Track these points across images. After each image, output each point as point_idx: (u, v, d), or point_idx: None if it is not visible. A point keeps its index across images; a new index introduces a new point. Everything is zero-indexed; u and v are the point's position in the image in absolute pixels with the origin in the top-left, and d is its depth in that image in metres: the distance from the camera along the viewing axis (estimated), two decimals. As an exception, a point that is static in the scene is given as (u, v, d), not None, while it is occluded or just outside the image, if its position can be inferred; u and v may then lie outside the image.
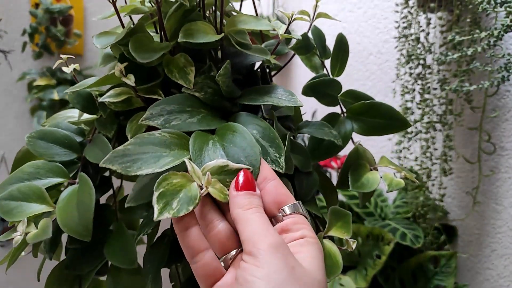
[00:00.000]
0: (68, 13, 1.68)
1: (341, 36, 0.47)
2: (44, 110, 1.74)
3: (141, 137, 0.29)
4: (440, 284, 0.84)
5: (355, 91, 0.45)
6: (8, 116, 1.81)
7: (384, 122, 0.42)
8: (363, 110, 0.43)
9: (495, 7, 0.61)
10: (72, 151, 0.37)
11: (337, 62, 0.47)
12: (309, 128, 0.41)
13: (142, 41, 0.34)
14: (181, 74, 0.34)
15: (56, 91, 1.72)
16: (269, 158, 0.30)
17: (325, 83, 0.44)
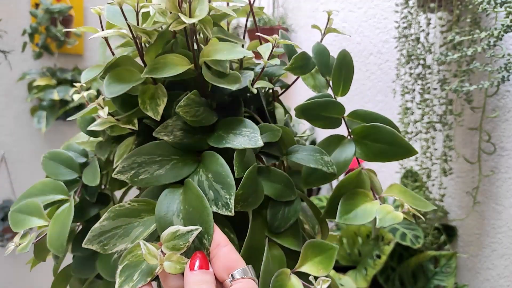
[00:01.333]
0: (68, 13, 1.69)
1: (344, 53, 0.42)
2: (44, 110, 1.74)
3: (113, 210, 0.31)
4: (440, 284, 0.84)
5: (363, 111, 0.41)
6: (8, 116, 1.81)
7: (386, 148, 0.38)
8: (365, 133, 0.39)
9: (495, 7, 0.61)
10: (73, 171, 0.42)
11: (339, 81, 0.43)
12: (299, 154, 0.38)
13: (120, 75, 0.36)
14: (152, 106, 0.35)
15: (56, 91, 1.72)
16: (220, 203, 0.31)
17: (319, 105, 0.40)
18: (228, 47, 0.36)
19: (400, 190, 0.37)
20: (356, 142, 0.39)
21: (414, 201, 0.36)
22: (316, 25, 0.45)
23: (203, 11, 0.34)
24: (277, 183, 0.36)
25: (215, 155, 0.33)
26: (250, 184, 0.33)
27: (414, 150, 0.37)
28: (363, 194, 0.37)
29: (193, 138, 0.35)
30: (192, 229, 0.28)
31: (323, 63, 0.43)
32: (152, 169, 0.33)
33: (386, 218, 0.33)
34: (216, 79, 0.35)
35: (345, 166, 0.38)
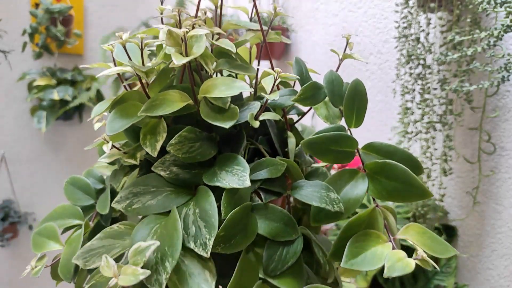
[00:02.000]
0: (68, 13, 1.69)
1: (356, 82, 0.40)
2: (44, 110, 1.74)
3: (104, 232, 0.34)
4: (440, 284, 0.84)
5: (379, 144, 0.38)
6: (8, 116, 1.81)
7: (400, 187, 0.35)
8: (379, 169, 0.36)
9: (495, 7, 0.61)
10: (90, 197, 0.45)
11: (352, 111, 0.39)
12: (303, 190, 0.36)
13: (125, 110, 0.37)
14: (151, 141, 0.36)
15: (56, 91, 1.72)
16: (199, 241, 0.31)
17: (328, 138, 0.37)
18: (227, 82, 0.36)
19: (418, 231, 0.33)
20: (370, 177, 0.36)
21: (434, 244, 0.33)
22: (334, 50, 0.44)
23: (200, 48, 0.34)
24: (275, 221, 0.35)
25: (208, 191, 0.34)
26: (235, 225, 0.32)
27: (429, 193, 0.34)
28: (375, 236, 0.34)
29: (190, 173, 0.36)
30: (150, 244, 0.29)
31: (335, 93, 0.41)
32: (144, 199, 0.35)
33: (396, 267, 0.30)
34: (212, 115, 0.35)
35: (356, 204, 0.36)
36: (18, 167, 1.82)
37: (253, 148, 0.41)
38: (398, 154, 0.37)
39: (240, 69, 0.40)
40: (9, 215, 1.76)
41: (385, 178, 0.36)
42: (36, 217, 1.87)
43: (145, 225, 0.33)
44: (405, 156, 0.37)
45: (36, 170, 1.88)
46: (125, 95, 0.38)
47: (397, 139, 0.89)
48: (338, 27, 1.23)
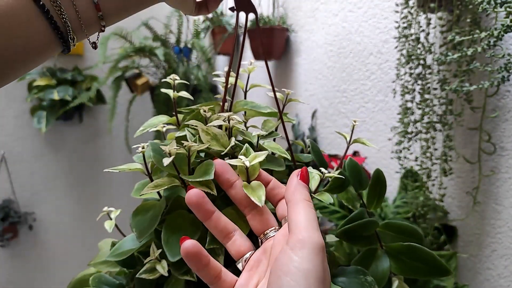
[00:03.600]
0: (68, 13, 1.68)
1: (378, 173, 0.45)
2: (44, 110, 1.74)
3: None
4: (440, 284, 0.84)
5: (393, 223, 0.43)
6: (8, 116, 1.81)
7: (424, 268, 0.40)
8: (402, 250, 0.41)
9: (495, 7, 0.61)
10: None
11: (374, 197, 0.45)
12: (344, 277, 0.38)
13: (174, 224, 0.35)
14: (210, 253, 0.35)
15: (56, 91, 1.72)
16: None
17: (361, 225, 0.41)
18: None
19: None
20: (390, 255, 0.41)
21: None
22: (340, 133, 0.48)
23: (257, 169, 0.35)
24: None
25: None
26: None
27: (450, 271, 0.40)
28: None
29: None
30: None
31: (356, 179, 0.45)
32: None
33: None
34: None
35: (384, 279, 0.40)
36: (18, 167, 1.82)
37: None
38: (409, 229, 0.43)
39: (275, 164, 0.41)
40: (9, 215, 1.76)
41: (408, 258, 0.41)
42: (36, 217, 1.87)
43: None
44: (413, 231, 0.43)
45: (36, 170, 1.88)
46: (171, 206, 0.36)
47: (397, 139, 0.89)
48: (338, 27, 1.23)
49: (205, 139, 0.37)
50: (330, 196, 0.39)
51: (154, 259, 0.37)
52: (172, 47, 1.74)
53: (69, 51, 0.33)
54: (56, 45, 0.32)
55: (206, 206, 0.32)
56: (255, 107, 0.46)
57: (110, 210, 0.46)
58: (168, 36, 1.76)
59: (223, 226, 0.32)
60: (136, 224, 0.36)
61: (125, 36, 1.67)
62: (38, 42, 0.30)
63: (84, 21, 0.32)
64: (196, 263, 0.30)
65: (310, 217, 0.28)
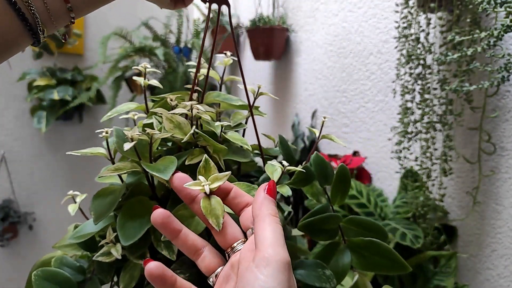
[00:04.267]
0: (68, 13, 1.68)
1: (342, 168, 0.45)
2: (44, 110, 1.74)
3: None
4: (440, 284, 0.84)
5: (358, 219, 0.43)
6: (8, 116, 1.81)
7: (383, 262, 0.41)
8: (363, 245, 0.42)
9: (495, 7, 0.61)
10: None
11: (338, 192, 0.45)
12: (302, 269, 0.39)
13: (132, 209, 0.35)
14: (166, 244, 0.35)
15: (56, 91, 1.72)
16: None
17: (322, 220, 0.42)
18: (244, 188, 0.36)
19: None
20: (352, 250, 0.42)
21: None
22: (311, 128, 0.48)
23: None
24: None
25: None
26: None
27: (408, 267, 0.40)
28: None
29: None
30: None
31: (321, 174, 0.45)
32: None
33: None
34: None
35: (343, 275, 0.40)
36: (18, 167, 1.82)
37: None
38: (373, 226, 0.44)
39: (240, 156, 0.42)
40: (9, 215, 1.76)
41: (369, 253, 0.41)
42: (36, 217, 1.87)
43: None
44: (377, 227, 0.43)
45: (36, 170, 1.88)
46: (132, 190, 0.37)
47: (396, 139, 0.89)
48: (338, 27, 1.23)
49: (168, 127, 0.36)
50: (289, 189, 0.39)
51: (109, 243, 0.37)
52: (172, 47, 1.74)
53: (39, 43, 0.33)
54: (26, 37, 0.32)
55: (172, 225, 0.31)
56: (227, 99, 0.45)
57: (76, 194, 0.46)
58: (168, 36, 1.76)
59: (191, 243, 0.32)
60: (94, 208, 0.36)
61: (125, 36, 1.67)
62: (8, 35, 0.30)
63: (53, 13, 0.32)
64: (161, 284, 0.29)
65: (276, 233, 0.28)
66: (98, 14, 1.93)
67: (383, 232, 0.43)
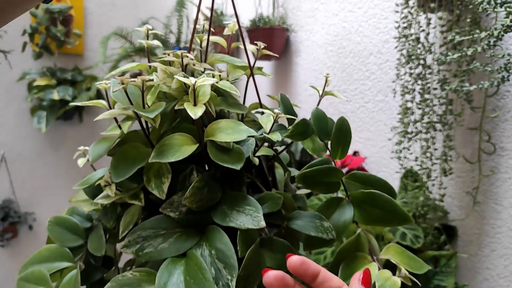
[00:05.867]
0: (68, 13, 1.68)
1: (342, 120, 0.43)
2: (44, 110, 1.74)
3: (116, 280, 0.33)
4: (440, 284, 0.84)
5: (361, 174, 0.42)
6: (8, 116, 1.81)
7: (383, 214, 0.39)
8: (364, 198, 0.40)
9: (495, 7, 0.61)
10: (79, 237, 0.43)
11: (338, 146, 0.43)
12: (299, 220, 0.39)
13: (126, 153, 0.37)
14: (157, 183, 0.36)
15: (56, 91, 1.72)
16: (220, 282, 0.31)
17: (321, 171, 0.41)
18: (232, 126, 0.37)
19: (396, 251, 0.38)
20: (355, 205, 0.40)
21: (411, 262, 0.37)
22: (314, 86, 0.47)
23: (206, 95, 0.36)
24: (279, 252, 0.36)
25: (220, 231, 0.34)
26: (251, 263, 0.33)
27: (410, 219, 0.38)
28: (362, 258, 0.38)
29: (198, 213, 0.36)
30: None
31: (321, 129, 0.44)
32: (156, 242, 0.34)
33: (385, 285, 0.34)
34: (220, 156, 0.36)
35: (344, 229, 0.39)
36: (18, 167, 1.82)
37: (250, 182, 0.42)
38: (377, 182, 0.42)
39: (235, 107, 0.42)
40: (9, 215, 1.76)
41: (370, 206, 0.39)
42: (36, 217, 1.87)
43: (166, 272, 0.32)
44: (382, 184, 0.41)
45: (36, 170, 1.88)
46: (125, 137, 0.39)
47: (397, 139, 0.89)
48: (338, 27, 1.23)
49: (162, 77, 0.37)
50: (279, 135, 0.39)
51: (106, 184, 0.39)
52: (172, 47, 1.74)
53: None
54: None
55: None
56: (231, 60, 0.46)
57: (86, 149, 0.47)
58: (168, 36, 1.76)
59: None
60: (92, 151, 0.39)
61: (125, 36, 1.67)
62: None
63: None
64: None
65: None
66: (98, 14, 1.93)
67: (389, 188, 0.41)
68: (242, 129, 0.37)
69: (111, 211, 0.42)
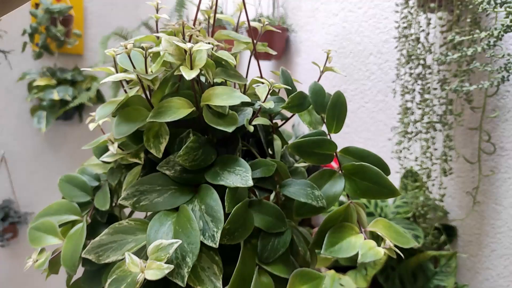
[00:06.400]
0: (68, 13, 1.69)
1: (338, 94, 0.45)
2: (44, 110, 1.74)
3: (113, 227, 0.36)
4: (440, 284, 0.84)
5: (354, 148, 0.43)
6: (8, 116, 1.81)
7: (371, 186, 0.40)
8: (354, 170, 0.41)
9: (495, 7, 0.61)
10: (87, 194, 0.47)
11: (333, 119, 0.44)
12: (291, 187, 0.40)
13: (128, 114, 0.40)
14: (155, 143, 0.39)
15: (56, 91, 1.72)
16: (207, 234, 0.34)
17: (313, 142, 0.42)
18: (227, 92, 0.39)
19: (384, 225, 0.39)
20: (346, 177, 0.42)
21: (398, 237, 0.38)
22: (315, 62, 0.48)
23: (202, 60, 0.38)
24: (268, 215, 0.38)
25: (211, 189, 0.37)
26: (237, 219, 0.36)
27: (397, 192, 0.39)
28: (349, 228, 0.39)
29: (192, 172, 0.39)
30: (172, 242, 0.32)
31: (318, 102, 0.45)
32: (152, 197, 0.37)
33: (368, 254, 0.35)
34: (215, 120, 0.39)
35: (334, 200, 0.40)
36: (18, 167, 1.82)
37: (244, 150, 0.44)
38: (370, 157, 0.43)
39: (234, 78, 0.44)
40: (9, 215, 1.76)
41: (359, 178, 0.41)
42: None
43: (158, 222, 0.35)
44: (376, 159, 0.42)
45: (36, 170, 1.88)
46: (128, 100, 0.41)
47: (397, 139, 0.89)
48: (338, 27, 1.23)
49: (165, 46, 0.39)
50: (272, 103, 0.41)
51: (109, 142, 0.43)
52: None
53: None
54: None
55: None
56: (237, 36, 0.49)
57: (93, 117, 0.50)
58: (168, 36, 1.76)
59: None
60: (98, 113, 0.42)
61: (125, 36, 1.67)
62: None
63: None
64: None
65: None
66: (98, 14, 1.93)
67: (382, 163, 0.42)
68: (236, 95, 0.39)
69: (117, 172, 0.45)
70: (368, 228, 0.40)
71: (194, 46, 0.37)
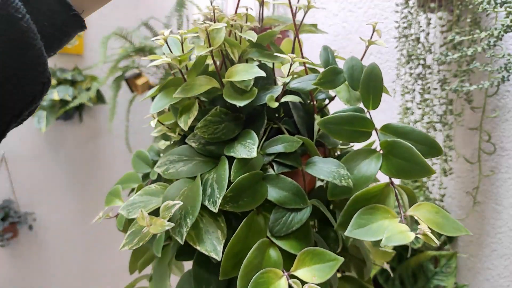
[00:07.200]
0: (68, 13, 1.68)
1: (372, 66, 0.41)
2: (44, 110, 1.74)
3: (144, 190, 0.43)
4: (440, 284, 0.84)
5: (395, 125, 0.39)
6: (8, 116, 1.80)
7: (404, 164, 0.36)
8: (389, 148, 0.38)
9: (495, 7, 0.61)
10: (148, 166, 0.55)
11: (368, 94, 0.41)
12: (316, 165, 0.39)
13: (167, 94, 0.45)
14: (184, 118, 0.43)
15: (56, 91, 1.71)
16: (211, 199, 0.37)
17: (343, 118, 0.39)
18: (246, 69, 0.42)
19: (429, 210, 0.34)
20: (384, 156, 0.38)
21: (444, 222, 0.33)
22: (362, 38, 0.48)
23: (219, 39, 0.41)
24: (285, 190, 0.39)
25: (224, 160, 0.40)
26: (242, 188, 0.37)
27: (431, 170, 0.35)
28: (383, 210, 0.35)
29: (215, 145, 0.42)
30: (175, 203, 0.36)
31: (354, 77, 0.42)
32: (178, 165, 0.42)
33: (393, 238, 0.31)
34: (233, 96, 0.41)
35: (367, 180, 0.37)
36: (18, 167, 1.82)
37: (277, 128, 0.45)
38: (414, 134, 0.38)
39: (268, 58, 0.47)
40: (9, 215, 1.76)
41: (393, 156, 0.37)
42: (36, 217, 1.87)
43: (175, 187, 0.40)
44: (421, 136, 0.38)
45: (36, 170, 1.88)
46: (169, 82, 0.46)
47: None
48: (338, 27, 1.23)
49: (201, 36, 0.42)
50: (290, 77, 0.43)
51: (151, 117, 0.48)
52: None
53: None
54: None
55: None
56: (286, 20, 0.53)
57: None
58: (168, 36, 1.76)
59: None
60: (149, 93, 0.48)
61: (125, 36, 1.67)
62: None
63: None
64: None
65: None
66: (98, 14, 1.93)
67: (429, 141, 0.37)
68: (254, 71, 0.41)
69: (169, 148, 0.51)
70: (408, 212, 0.35)
71: (210, 26, 0.40)
